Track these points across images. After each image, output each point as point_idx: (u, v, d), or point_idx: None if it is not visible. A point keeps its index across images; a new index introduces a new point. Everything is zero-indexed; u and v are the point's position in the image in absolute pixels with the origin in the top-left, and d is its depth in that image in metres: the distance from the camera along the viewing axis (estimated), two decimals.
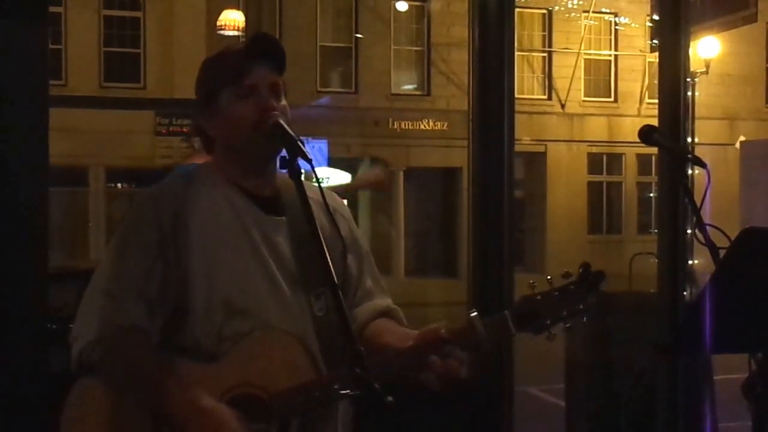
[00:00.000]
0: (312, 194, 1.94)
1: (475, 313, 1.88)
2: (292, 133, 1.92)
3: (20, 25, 2.98)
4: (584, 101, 22.30)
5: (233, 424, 1.81)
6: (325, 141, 17.94)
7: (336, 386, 1.84)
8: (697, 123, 4.34)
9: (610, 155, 22.79)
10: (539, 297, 1.86)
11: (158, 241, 1.94)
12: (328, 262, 1.81)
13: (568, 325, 1.87)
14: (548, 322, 1.86)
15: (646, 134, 2.59)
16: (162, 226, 1.94)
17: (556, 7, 21.45)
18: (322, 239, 1.84)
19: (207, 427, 1.80)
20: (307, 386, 1.87)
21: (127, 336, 1.90)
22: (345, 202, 2.22)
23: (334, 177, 20.97)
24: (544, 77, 22.12)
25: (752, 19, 5.26)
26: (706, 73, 16.37)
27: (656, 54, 4.56)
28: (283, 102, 2.01)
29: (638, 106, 22.10)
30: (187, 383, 1.85)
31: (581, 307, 1.86)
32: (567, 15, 21.51)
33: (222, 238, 1.96)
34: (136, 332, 1.90)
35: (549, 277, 1.89)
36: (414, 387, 2.68)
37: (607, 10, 21.79)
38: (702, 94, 15.29)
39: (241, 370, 1.88)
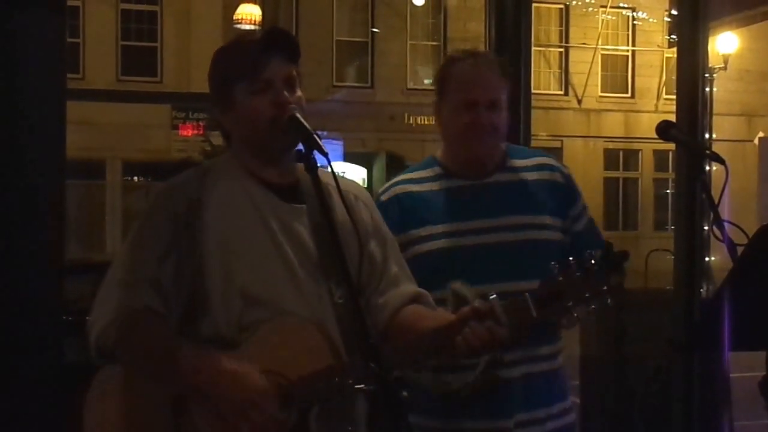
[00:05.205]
0: (331, 185, 1.95)
1: (495, 296, 1.85)
2: (308, 126, 1.92)
3: (39, 18, 2.99)
4: (601, 97, 22.20)
5: (258, 383, 1.81)
6: (341, 140, 17.89)
7: (351, 380, 1.83)
8: (714, 119, 4.31)
9: (626, 151, 22.69)
10: (561, 278, 1.78)
11: (173, 231, 1.95)
12: (344, 256, 1.81)
13: (592, 307, 1.78)
14: (570, 304, 1.78)
15: (664, 130, 2.57)
16: (177, 217, 1.95)
17: (573, 2, 21.35)
18: (339, 231, 1.84)
19: (233, 385, 1.81)
20: (327, 372, 1.86)
21: (141, 317, 1.91)
22: None
23: (350, 171, 21.00)
24: (561, 72, 22.04)
25: None
26: (725, 68, 16.23)
27: (674, 49, 4.54)
28: (299, 93, 2.00)
29: (656, 101, 21.99)
30: (203, 350, 1.86)
31: (605, 288, 1.78)
32: (584, 10, 21.41)
33: (238, 228, 1.96)
34: (150, 313, 1.91)
35: (570, 258, 1.81)
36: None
37: (625, 5, 21.68)
38: (720, 90, 15.18)
39: (261, 357, 1.87)
